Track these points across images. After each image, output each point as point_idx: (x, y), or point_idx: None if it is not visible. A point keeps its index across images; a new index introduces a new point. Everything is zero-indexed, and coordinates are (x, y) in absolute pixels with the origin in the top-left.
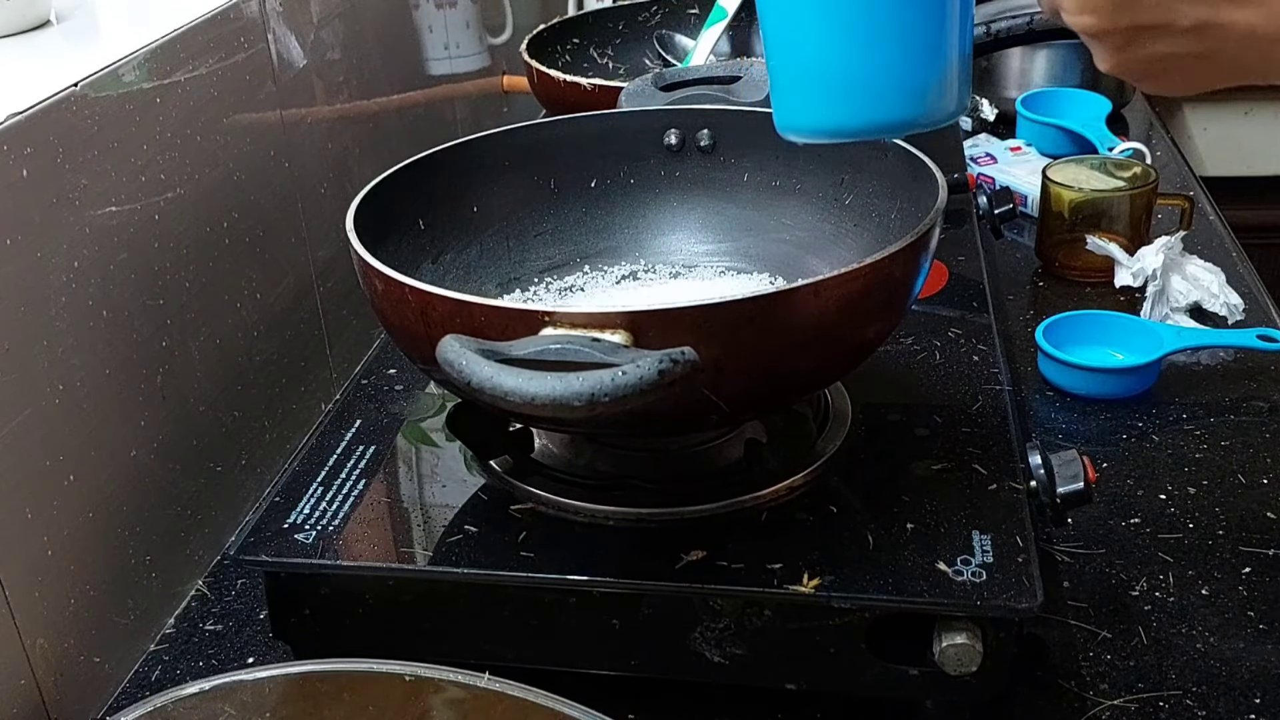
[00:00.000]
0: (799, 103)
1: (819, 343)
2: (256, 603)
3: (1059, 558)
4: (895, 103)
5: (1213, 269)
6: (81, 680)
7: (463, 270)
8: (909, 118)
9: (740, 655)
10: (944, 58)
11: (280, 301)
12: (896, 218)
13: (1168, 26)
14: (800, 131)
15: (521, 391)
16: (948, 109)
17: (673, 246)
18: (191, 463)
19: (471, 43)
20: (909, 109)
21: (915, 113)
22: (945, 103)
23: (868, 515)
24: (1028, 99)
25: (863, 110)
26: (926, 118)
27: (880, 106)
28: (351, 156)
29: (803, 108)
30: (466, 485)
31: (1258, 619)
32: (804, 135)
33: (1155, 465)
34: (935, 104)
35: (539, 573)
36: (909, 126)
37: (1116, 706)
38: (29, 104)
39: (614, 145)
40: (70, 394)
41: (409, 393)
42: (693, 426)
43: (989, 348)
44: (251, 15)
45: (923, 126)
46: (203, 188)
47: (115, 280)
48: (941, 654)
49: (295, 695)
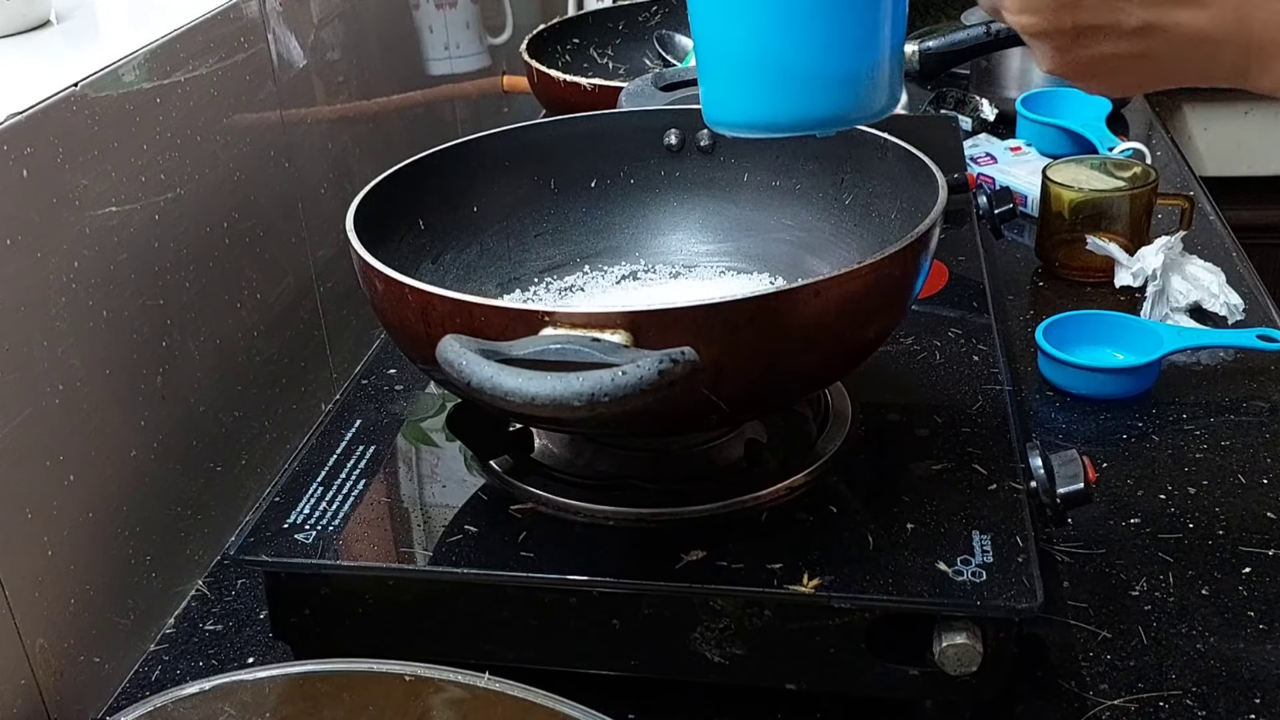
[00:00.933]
0: (728, 95)
1: (819, 343)
2: (256, 603)
3: (1059, 558)
4: (825, 98)
5: (1213, 269)
6: (81, 680)
7: (463, 270)
8: (839, 113)
9: (740, 655)
10: (874, 52)
11: (280, 301)
12: (896, 218)
13: (1113, 27)
14: (729, 125)
15: (521, 391)
16: (878, 104)
17: (673, 246)
18: (191, 463)
19: (471, 43)
20: (839, 104)
21: (845, 108)
22: (876, 98)
23: (868, 515)
24: (1028, 99)
25: (792, 105)
26: (857, 113)
27: (810, 101)
28: (351, 156)
29: (732, 101)
30: (466, 485)
31: (1258, 619)
32: (732, 129)
33: (1155, 465)
34: (866, 99)
35: (539, 573)
36: (839, 122)
37: (1116, 706)
38: (29, 104)
39: (614, 145)
40: (70, 394)
41: (409, 393)
42: (693, 426)
43: (989, 348)
44: (251, 15)
45: (852, 122)
46: (203, 188)
47: (115, 280)
48: (941, 654)
49: (295, 695)
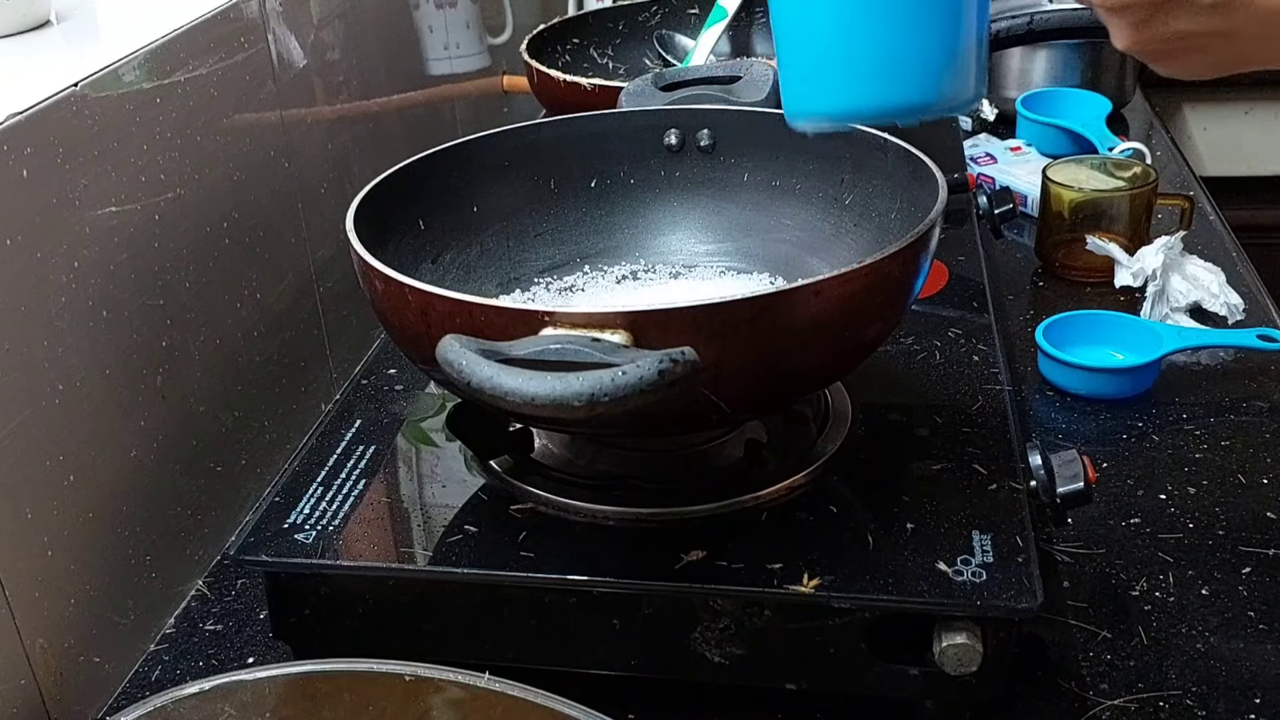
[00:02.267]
0: (812, 87)
1: (819, 343)
2: (256, 603)
3: (1059, 558)
4: (912, 85)
5: (1213, 269)
6: (81, 680)
7: (463, 270)
8: (925, 101)
9: (740, 655)
10: (959, 40)
11: (280, 301)
12: (896, 218)
13: (1190, 1)
14: (814, 116)
15: (521, 391)
16: (963, 94)
17: (673, 246)
18: (191, 463)
19: (471, 43)
20: (925, 92)
21: (931, 96)
22: (961, 88)
23: (868, 515)
24: (1028, 99)
25: (878, 92)
26: (941, 102)
27: (896, 88)
28: (351, 156)
29: (817, 91)
30: (466, 485)
31: (1258, 619)
32: (817, 120)
33: (1155, 465)
34: (951, 88)
35: (539, 573)
36: (924, 111)
37: (1116, 706)
38: (29, 104)
39: (614, 145)
40: (70, 394)
41: (409, 393)
42: (693, 426)
43: (989, 348)
44: (251, 15)
45: (938, 112)
46: (203, 188)
47: (115, 280)
48: (941, 654)
49: (295, 695)
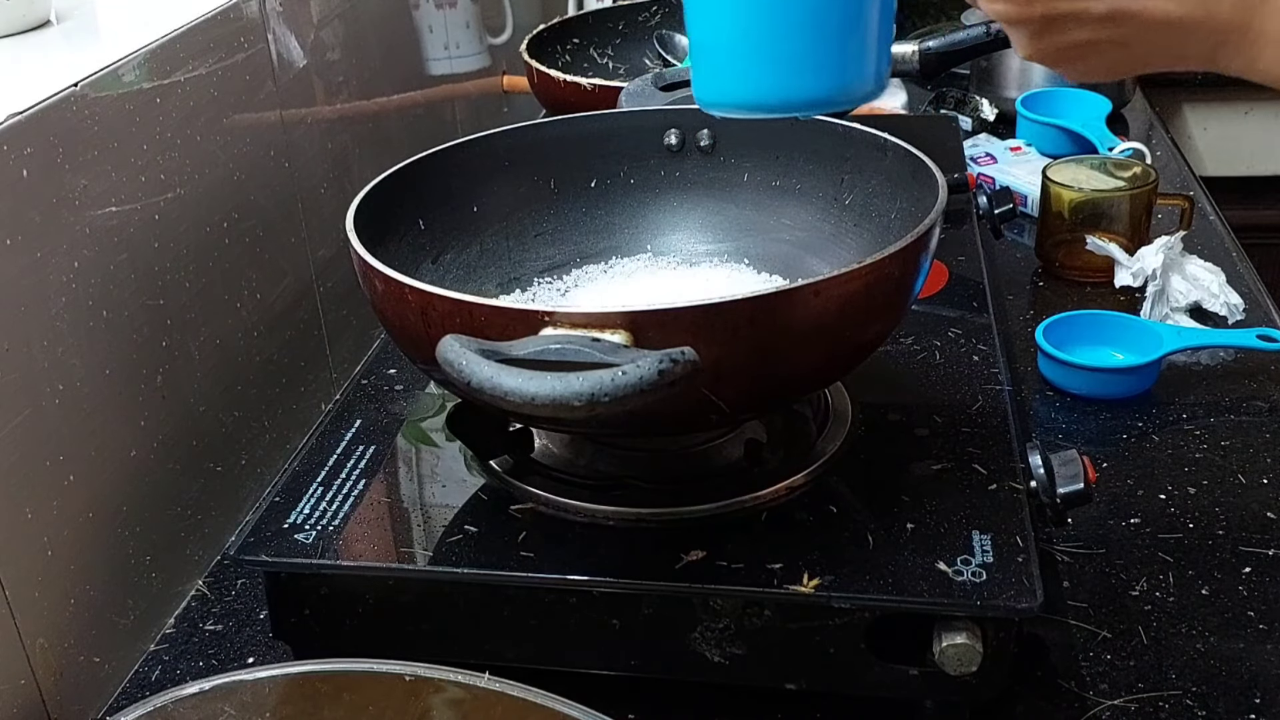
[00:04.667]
0: (716, 76)
1: (819, 343)
2: (256, 603)
3: (1059, 558)
4: (810, 81)
5: (1213, 269)
6: (81, 680)
7: (463, 270)
8: (823, 96)
9: (740, 655)
10: (857, 39)
11: (280, 301)
12: (896, 218)
13: (1082, 14)
14: (717, 105)
15: (521, 391)
16: (863, 89)
17: (673, 246)
18: (191, 463)
19: (471, 43)
20: (823, 87)
21: (829, 91)
22: (859, 83)
23: (868, 515)
24: (1028, 99)
25: (779, 86)
26: (841, 96)
27: (796, 84)
28: (351, 156)
29: (722, 83)
30: (466, 485)
31: (1258, 619)
32: (720, 109)
33: (1155, 465)
34: (850, 83)
35: (539, 573)
36: (824, 105)
37: (1116, 706)
38: (29, 104)
39: (614, 145)
40: (70, 394)
41: (409, 393)
42: (693, 426)
43: (989, 348)
44: (251, 15)
45: (838, 105)
46: (203, 188)
47: (115, 280)
48: (941, 654)
49: (295, 695)
